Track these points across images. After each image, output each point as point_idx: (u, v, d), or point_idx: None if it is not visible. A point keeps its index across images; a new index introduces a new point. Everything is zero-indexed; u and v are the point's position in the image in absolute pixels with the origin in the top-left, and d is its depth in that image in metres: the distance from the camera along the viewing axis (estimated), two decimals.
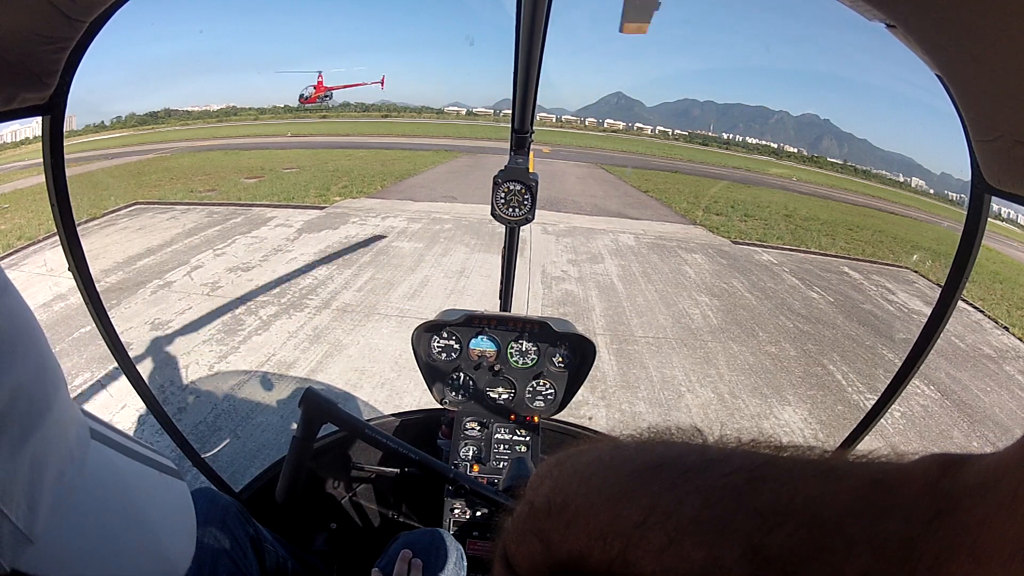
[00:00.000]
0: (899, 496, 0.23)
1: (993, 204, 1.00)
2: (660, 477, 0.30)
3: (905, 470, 0.24)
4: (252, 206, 11.25)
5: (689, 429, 0.37)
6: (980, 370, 5.78)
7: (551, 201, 13.08)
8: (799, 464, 0.28)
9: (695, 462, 0.30)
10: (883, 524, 0.22)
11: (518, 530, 0.37)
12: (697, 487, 0.28)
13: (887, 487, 0.24)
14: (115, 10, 0.86)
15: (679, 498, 0.28)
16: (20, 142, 20.24)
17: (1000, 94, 0.68)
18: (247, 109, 54.75)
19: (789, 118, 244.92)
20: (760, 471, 0.28)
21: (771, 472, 0.27)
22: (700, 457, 0.30)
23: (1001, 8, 0.55)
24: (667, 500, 0.28)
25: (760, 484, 0.27)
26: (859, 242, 12.89)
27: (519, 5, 1.00)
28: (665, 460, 0.32)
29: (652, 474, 0.31)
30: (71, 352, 4.47)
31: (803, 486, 0.26)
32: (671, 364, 5.02)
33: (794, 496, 0.25)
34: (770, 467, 0.28)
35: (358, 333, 5.19)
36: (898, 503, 0.23)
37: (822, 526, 0.23)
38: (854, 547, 0.22)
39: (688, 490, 0.28)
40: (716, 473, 0.28)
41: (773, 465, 0.28)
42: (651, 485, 0.30)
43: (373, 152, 23.31)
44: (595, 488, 0.33)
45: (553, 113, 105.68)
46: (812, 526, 0.24)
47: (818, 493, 0.25)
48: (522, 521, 0.36)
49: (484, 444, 1.64)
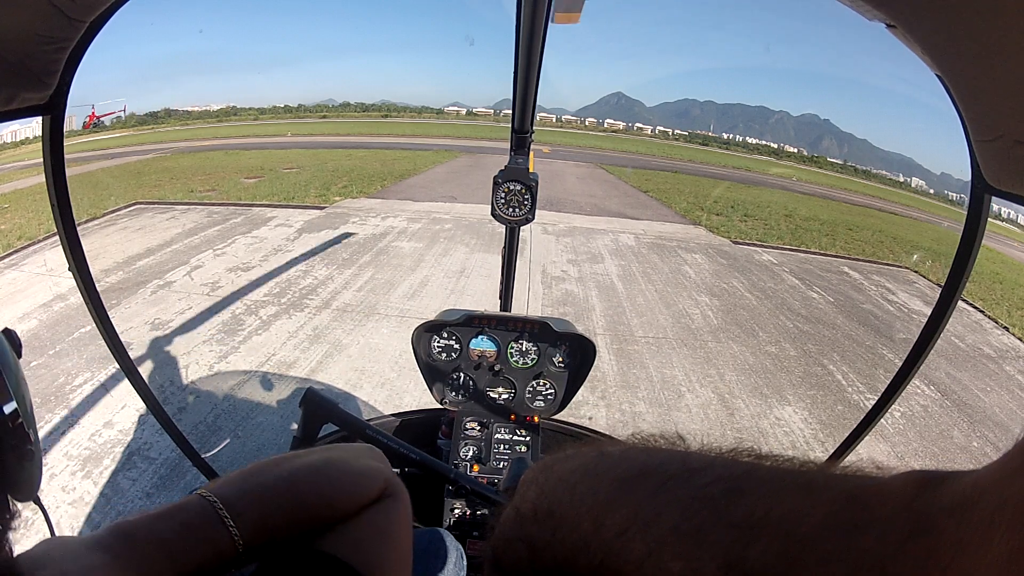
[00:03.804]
0: (875, 513, 0.23)
1: (993, 204, 1.00)
2: (642, 486, 0.31)
3: (883, 486, 0.24)
4: (252, 206, 11.25)
5: (672, 436, 0.37)
6: (980, 370, 5.78)
7: (551, 201, 13.08)
8: (777, 476, 0.28)
9: (676, 471, 0.30)
10: (857, 542, 0.22)
11: (506, 535, 0.37)
12: (677, 497, 0.29)
13: (863, 503, 0.23)
14: (115, 10, 0.86)
15: (659, 508, 0.28)
16: (20, 142, 20.23)
17: (1000, 94, 0.68)
18: (247, 109, 54.71)
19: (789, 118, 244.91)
20: (738, 482, 0.28)
21: (749, 484, 0.27)
22: (681, 466, 0.31)
23: (1001, 8, 0.55)
24: (648, 510, 0.29)
25: (738, 496, 0.27)
26: (859, 242, 12.88)
27: (519, 5, 1.00)
28: (647, 469, 0.32)
29: (634, 483, 0.31)
30: (71, 352, 4.47)
31: (780, 499, 0.25)
32: (671, 364, 5.02)
33: (770, 509, 0.25)
34: (748, 478, 0.28)
35: (358, 333, 5.19)
36: (873, 520, 0.22)
37: (797, 542, 0.23)
38: (828, 565, 0.22)
39: (668, 500, 0.29)
40: (696, 483, 0.29)
41: (751, 476, 0.28)
42: (633, 494, 0.30)
43: (373, 152, 23.29)
44: (579, 496, 0.33)
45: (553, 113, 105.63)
46: (787, 541, 0.23)
47: (794, 507, 0.25)
48: (509, 527, 0.37)
49: (484, 444, 1.64)
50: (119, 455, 3.26)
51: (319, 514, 0.53)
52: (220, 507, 0.47)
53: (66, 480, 3.04)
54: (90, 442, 3.37)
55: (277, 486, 0.52)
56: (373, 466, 0.60)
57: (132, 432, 3.46)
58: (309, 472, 0.55)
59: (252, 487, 0.52)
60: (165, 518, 0.46)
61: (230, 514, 0.47)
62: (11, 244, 7.51)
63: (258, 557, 0.49)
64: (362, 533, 0.55)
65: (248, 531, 0.48)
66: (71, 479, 3.04)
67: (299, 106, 65.48)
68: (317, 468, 0.56)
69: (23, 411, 0.49)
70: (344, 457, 0.60)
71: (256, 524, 0.49)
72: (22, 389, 0.51)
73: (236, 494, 0.50)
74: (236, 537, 0.47)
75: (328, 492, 0.54)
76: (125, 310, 5.52)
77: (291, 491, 0.52)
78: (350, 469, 0.57)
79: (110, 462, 3.19)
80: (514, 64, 1.23)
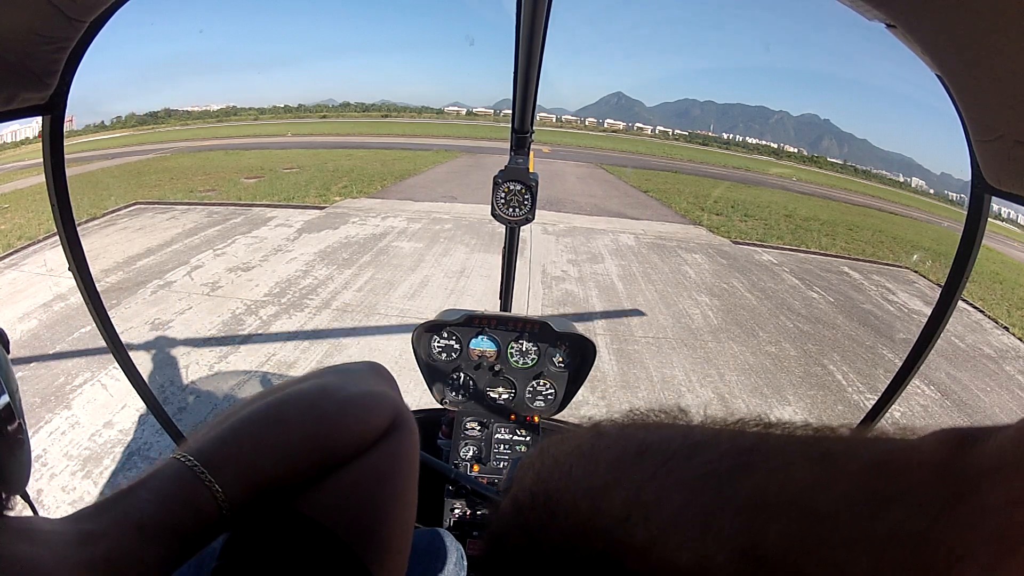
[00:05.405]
0: (906, 481, 0.20)
1: (993, 204, 1.00)
2: (641, 466, 0.28)
3: (912, 450, 0.21)
4: (252, 206, 11.24)
5: (673, 409, 0.34)
6: (980, 370, 5.78)
7: (551, 201, 13.08)
8: (790, 447, 0.25)
9: (678, 448, 0.28)
10: (887, 516, 0.19)
11: (504, 524, 0.35)
12: (680, 477, 0.26)
13: (891, 471, 0.21)
14: (115, 10, 0.86)
15: (661, 490, 0.26)
16: (20, 142, 20.23)
17: (1000, 94, 0.68)
18: (247, 109, 54.76)
19: (789, 118, 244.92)
20: (747, 456, 0.25)
21: (759, 458, 0.24)
22: (684, 442, 0.28)
23: (1001, 9, 0.55)
24: (649, 493, 0.26)
25: (747, 472, 0.24)
26: (859, 242, 12.88)
27: (519, 5, 1.00)
28: (646, 446, 0.29)
29: (633, 462, 0.29)
30: (71, 352, 4.47)
31: (795, 473, 0.23)
32: (671, 364, 5.02)
33: (784, 486, 0.22)
34: (758, 451, 0.25)
35: (358, 333, 5.19)
36: (904, 490, 0.20)
37: (818, 521, 0.21)
38: (854, 544, 0.19)
39: (671, 481, 0.26)
40: (700, 460, 0.26)
41: (761, 449, 0.25)
42: (632, 475, 0.28)
43: (373, 152, 23.29)
44: (575, 479, 0.31)
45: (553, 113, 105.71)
46: (805, 520, 0.21)
47: (812, 481, 0.22)
48: (508, 515, 0.35)
49: (484, 444, 1.64)
50: (119, 455, 3.26)
51: (315, 458, 0.46)
52: (196, 466, 0.42)
53: (66, 480, 3.04)
54: (90, 442, 3.37)
55: (262, 431, 0.45)
56: (377, 392, 0.52)
57: (132, 432, 3.46)
58: (300, 406, 0.47)
59: (232, 435, 0.45)
60: (137, 489, 0.41)
61: (209, 471, 0.42)
62: (11, 244, 7.52)
63: (251, 516, 0.44)
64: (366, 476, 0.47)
65: (233, 488, 0.42)
66: (71, 479, 3.05)
67: (299, 106, 65.62)
68: (311, 400, 0.48)
69: (13, 404, 0.49)
70: (340, 383, 0.51)
71: (242, 478, 0.43)
72: (11, 383, 0.51)
73: (213, 446, 0.44)
74: (219, 496, 0.42)
75: (324, 431, 0.46)
76: (125, 310, 5.52)
77: (278, 433, 0.45)
78: (350, 398, 0.49)
79: (110, 462, 3.20)
80: (514, 64, 1.23)
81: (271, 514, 0.45)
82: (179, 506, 0.41)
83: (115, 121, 40.51)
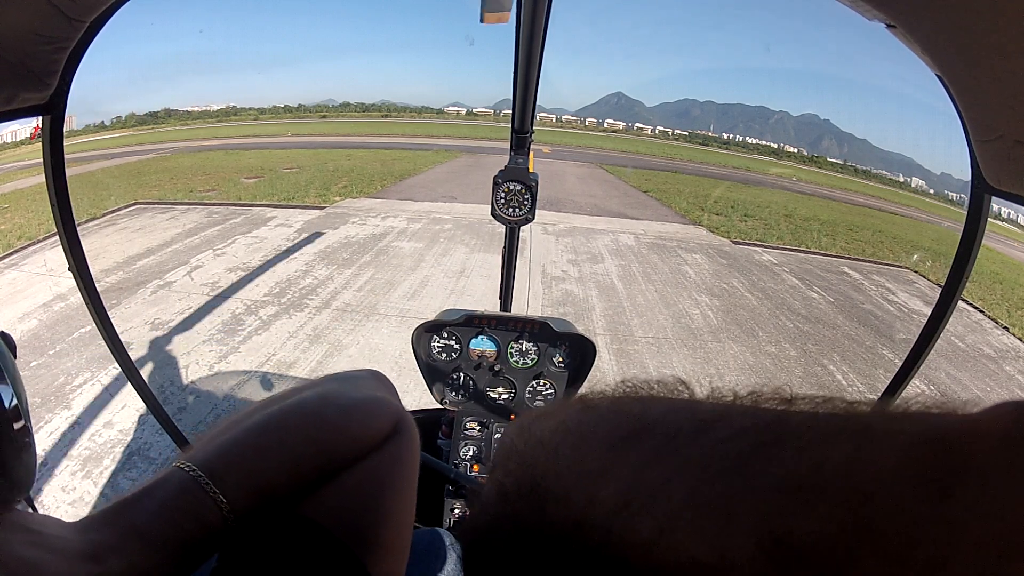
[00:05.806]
0: (969, 458, 0.17)
1: (993, 204, 1.00)
2: (640, 447, 0.24)
3: (972, 423, 0.19)
4: (252, 206, 11.25)
5: (671, 382, 0.30)
6: (980, 370, 5.78)
7: (551, 201, 13.08)
8: (821, 421, 0.22)
9: (683, 425, 0.24)
10: (952, 495, 0.17)
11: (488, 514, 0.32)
12: (688, 458, 0.23)
13: (949, 447, 0.18)
14: (115, 10, 0.86)
15: (667, 474, 0.23)
16: (20, 142, 20.23)
17: (1000, 94, 0.68)
18: (247, 109, 54.73)
19: (789, 118, 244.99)
20: (770, 433, 0.22)
21: (785, 434, 0.21)
22: (689, 418, 0.25)
23: (1001, 8, 0.55)
24: (652, 477, 0.23)
25: (773, 450, 0.21)
26: (859, 242, 12.88)
27: (519, 5, 1.00)
28: (645, 424, 0.26)
29: (630, 443, 0.25)
30: (71, 352, 4.47)
31: (831, 451, 0.20)
32: (671, 364, 5.02)
33: (821, 464, 0.19)
34: (782, 426, 0.22)
35: (358, 333, 5.19)
36: (970, 466, 0.17)
37: (866, 503, 0.18)
38: (914, 529, 0.17)
39: (677, 462, 0.23)
40: (712, 439, 0.23)
41: (786, 424, 0.22)
42: (629, 457, 0.24)
43: (373, 152, 23.30)
44: (564, 462, 0.27)
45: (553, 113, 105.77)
46: (851, 502, 0.18)
47: (854, 459, 0.19)
48: (491, 505, 0.32)
49: (484, 444, 1.64)
50: (119, 455, 3.26)
51: (319, 463, 0.46)
52: (201, 476, 0.42)
53: (66, 480, 3.04)
54: (90, 442, 3.37)
55: (265, 439, 0.46)
56: (378, 398, 0.52)
57: (132, 432, 3.46)
58: (302, 414, 0.47)
59: (235, 444, 0.45)
60: (143, 499, 0.41)
61: (212, 480, 0.42)
62: (11, 244, 7.52)
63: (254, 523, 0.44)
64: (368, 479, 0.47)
65: (237, 496, 0.42)
66: (71, 479, 3.05)
67: (299, 106, 65.58)
68: (314, 407, 0.49)
69: (21, 407, 0.49)
70: (342, 391, 0.51)
71: (245, 486, 0.43)
72: (19, 386, 0.51)
73: (216, 455, 0.44)
74: (223, 505, 0.42)
75: (326, 437, 0.46)
76: (125, 310, 5.52)
77: (282, 440, 0.45)
78: (353, 403, 0.49)
79: (110, 462, 3.20)
80: (514, 64, 1.23)
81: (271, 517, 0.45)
82: (184, 518, 0.41)
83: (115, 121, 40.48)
